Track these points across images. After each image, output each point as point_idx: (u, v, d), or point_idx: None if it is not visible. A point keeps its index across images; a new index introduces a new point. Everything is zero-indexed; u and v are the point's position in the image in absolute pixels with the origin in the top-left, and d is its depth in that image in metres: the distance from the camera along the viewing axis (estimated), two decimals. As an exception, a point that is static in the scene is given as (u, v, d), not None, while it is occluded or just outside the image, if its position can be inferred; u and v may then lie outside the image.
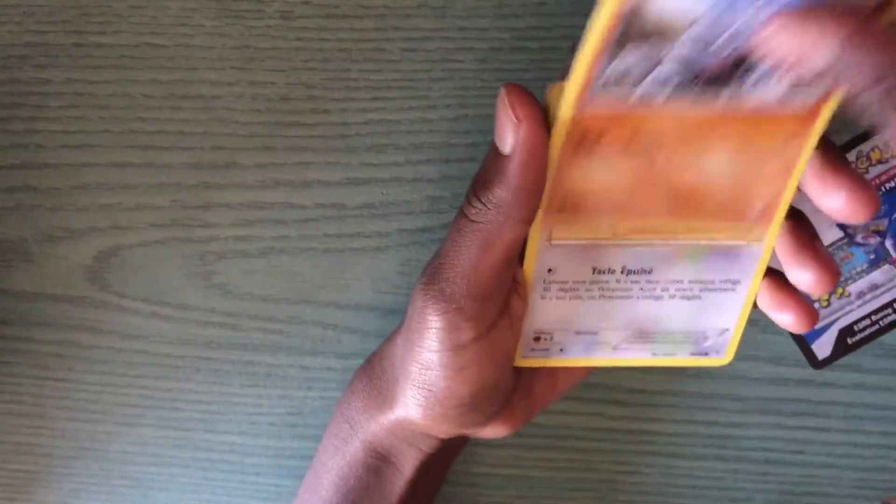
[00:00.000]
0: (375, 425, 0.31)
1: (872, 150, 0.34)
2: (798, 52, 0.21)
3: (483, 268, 0.26)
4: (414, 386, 0.29)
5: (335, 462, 0.33)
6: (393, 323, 0.37)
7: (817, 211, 0.34)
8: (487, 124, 0.35)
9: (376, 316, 0.37)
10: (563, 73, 0.25)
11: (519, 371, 0.31)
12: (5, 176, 0.37)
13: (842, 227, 0.35)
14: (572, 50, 0.26)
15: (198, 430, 0.39)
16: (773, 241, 0.28)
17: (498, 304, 0.28)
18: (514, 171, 0.25)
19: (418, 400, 0.29)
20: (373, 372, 0.33)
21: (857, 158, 0.34)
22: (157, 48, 0.35)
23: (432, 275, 0.27)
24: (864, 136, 0.34)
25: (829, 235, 0.35)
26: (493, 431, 0.31)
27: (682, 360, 0.31)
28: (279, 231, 0.37)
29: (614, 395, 0.37)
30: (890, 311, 0.35)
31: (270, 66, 0.35)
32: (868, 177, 0.34)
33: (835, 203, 0.25)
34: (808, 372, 0.36)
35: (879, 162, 0.34)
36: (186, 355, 0.38)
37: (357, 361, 0.38)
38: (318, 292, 0.37)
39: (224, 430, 0.39)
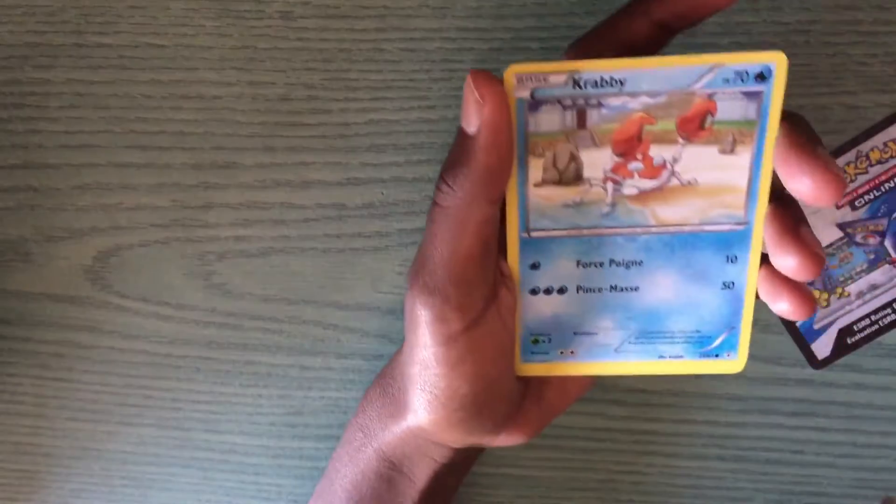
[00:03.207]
0: (389, 434, 0.31)
1: (872, 150, 0.34)
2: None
3: (460, 252, 0.27)
4: (417, 389, 0.29)
5: (349, 470, 0.33)
6: (393, 323, 0.37)
7: (815, 213, 0.34)
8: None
9: (376, 316, 0.37)
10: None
11: (527, 378, 0.31)
12: (5, 176, 0.37)
13: (841, 227, 0.35)
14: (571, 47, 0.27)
15: (198, 430, 0.39)
16: (760, 228, 0.27)
17: (483, 293, 0.28)
18: (479, 151, 0.26)
19: (423, 404, 0.29)
20: (385, 381, 0.33)
21: (857, 158, 0.34)
22: (157, 48, 0.35)
23: (415, 270, 0.28)
24: (864, 135, 0.34)
25: (828, 235, 0.35)
26: (508, 439, 0.31)
27: (693, 363, 0.30)
28: (279, 231, 0.37)
29: (614, 395, 0.37)
30: (889, 310, 0.35)
31: (270, 66, 0.35)
32: (867, 177, 0.34)
33: (800, 187, 0.25)
34: (808, 372, 0.36)
35: (879, 162, 0.34)
36: (186, 355, 0.38)
37: (357, 361, 0.38)
38: (318, 292, 0.37)
39: (224, 430, 0.39)
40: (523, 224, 0.28)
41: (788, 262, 0.26)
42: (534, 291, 0.29)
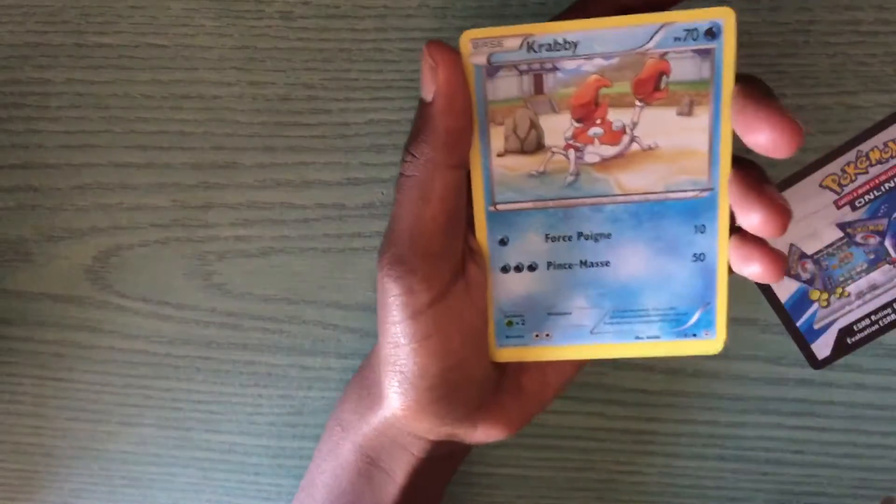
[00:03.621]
0: (366, 426, 0.31)
1: (872, 149, 0.34)
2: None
3: (425, 221, 0.27)
4: (389, 371, 0.29)
5: (328, 465, 0.33)
6: (393, 323, 0.37)
7: (815, 213, 0.34)
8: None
9: (376, 316, 0.37)
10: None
11: (503, 366, 0.31)
12: (5, 176, 0.37)
13: (841, 227, 0.35)
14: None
15: (198, 430, 0.39)
16: (725, 195, 0.27)
17: (450, 266, 0.28)
18: (436, 115, 0.26)
19: (394, 386, 0.29)
20: (363, 374, 0.33)
21: (857, 158, 0.34)
22: (157, 48, 0.35)
23: (385, 243, 0.28)
24: (864, 135, 0.34)
25: (828, 235, 0.35)
26: (486, 433, 0.30)
27: (671, 344, 0.29)
28: (279, 231, 0.37)
29: (614, 395, 0.37)
30: (889, 310, 0.35)
31: (270, 66, 0.35)
32: (867, 177, 0.34)
33: (759, 138, 0.25)
34: (808, 372, 0.36)
35: (879, 162, 0.34)
36: (186, 355, 0.38)
37: (357, 361, 0.38)
38: (318, 292, 0.37)
39: (224, 430, 0.39)
40: (489, 197, 0.28)
41: (754, 219, 0.26)
42: (504, 269, 0.29)
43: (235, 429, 0.39)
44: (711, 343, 0.29)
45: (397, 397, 0.29)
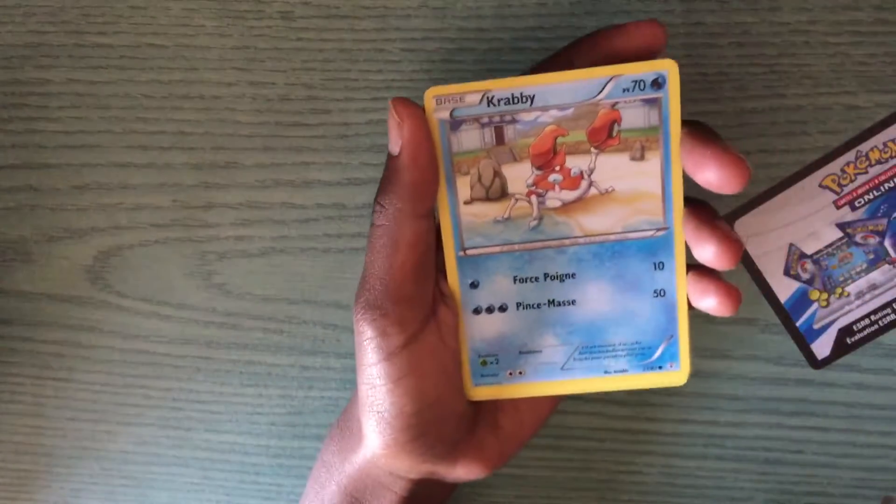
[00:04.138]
0: (349, 466, 0.32)
1: (872, 149, 0.34)
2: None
3: (396, 269, 0.28)
4: (367, 412, 0.29)
5: None
6: (393, 323, 0.37)
7: (815, 213, 0.34)
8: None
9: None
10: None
11: (478, 405, 0.31)
12: (5, 176, 0.37)
13: (841, 227, 0.35)
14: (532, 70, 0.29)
15: (198, 429, 0.39)
16: (680, 232, 0.29)
17: (421, 309, 0.29)
18: (403, 168, 0.27)
19: (373, 426, 0.29)
20: (345, 416, 0.33)
21: (857, 158, 0.34)
22: (157, 48, 0.35)
23: (359, 290, 0.29)
24: (864, 135, 0.34)
25: (828, 235, 0.35)
26: (466, 470, 0.31)
27: (637, 377, 0.31)
28: (279, 231, 0.37)
29: (614, 395, 0.37)
30: (889, 310, 0.35)
31: (270, 66, 0.35)
32: (867, 177, 0.34)
33: (708, 175, 0.27)
34: (808, 372, 0.36)
35: (879, 162, 0.34)
36: (186, 355, 0.38)
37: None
38: (318, 292, 0.37)
39: (224, 430, 0.39)
40: (458, 243, 0.30)
41: (708, 251, 0.27)
42: (476, 311, 0.30)
43: (235, 429, 0.39)
44: (676, 374, 0.31)
45: (376, 437, 0.29)
